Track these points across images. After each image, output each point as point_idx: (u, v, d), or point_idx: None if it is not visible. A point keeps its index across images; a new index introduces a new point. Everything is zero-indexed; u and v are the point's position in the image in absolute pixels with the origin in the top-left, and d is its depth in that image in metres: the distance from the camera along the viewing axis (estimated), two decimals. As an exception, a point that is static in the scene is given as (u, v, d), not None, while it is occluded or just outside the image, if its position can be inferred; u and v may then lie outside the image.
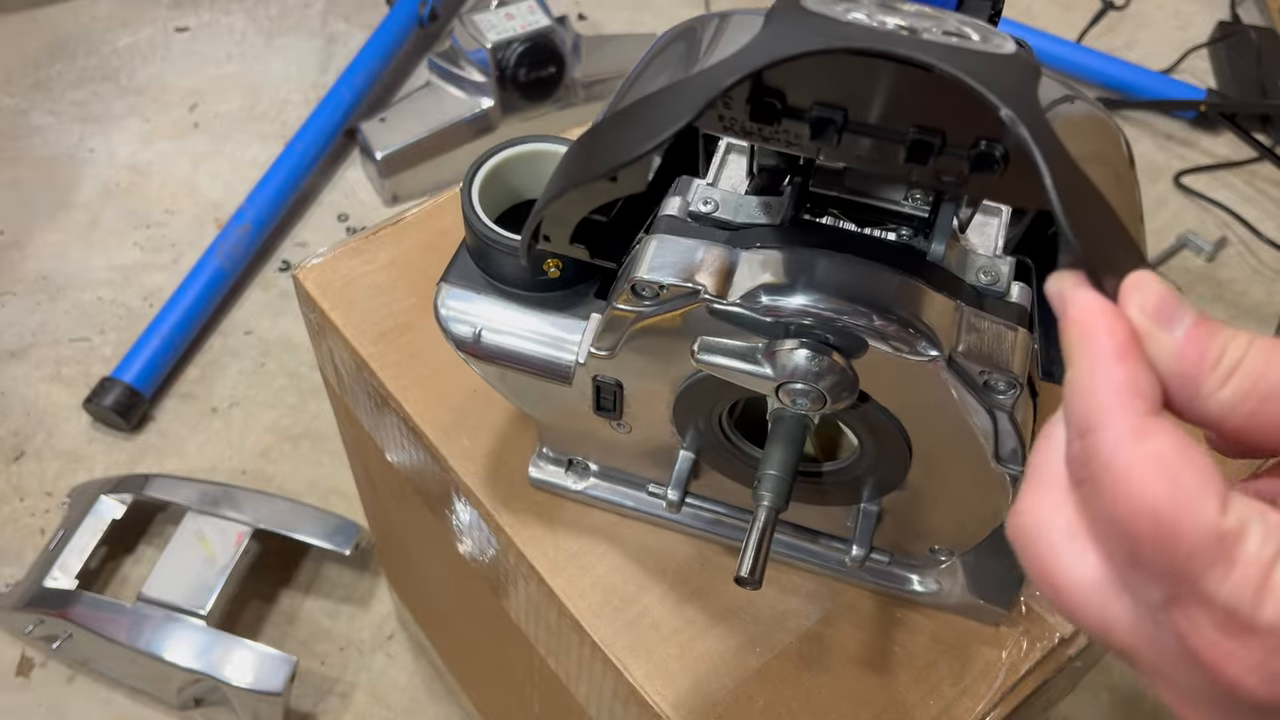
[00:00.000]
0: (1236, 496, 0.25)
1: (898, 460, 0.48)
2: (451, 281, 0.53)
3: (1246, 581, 0.24)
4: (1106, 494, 0.26)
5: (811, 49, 0.32)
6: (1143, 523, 0.25)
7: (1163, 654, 0.27)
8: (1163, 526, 0.25)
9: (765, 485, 0.45)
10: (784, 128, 0.37)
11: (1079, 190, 0.30)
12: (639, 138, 0.36)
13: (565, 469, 0.59)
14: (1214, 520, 0.24)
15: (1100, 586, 0.28)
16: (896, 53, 0.32)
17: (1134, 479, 0.25)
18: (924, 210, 0.44)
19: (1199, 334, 0.27)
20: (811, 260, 0.42)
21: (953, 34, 0.33)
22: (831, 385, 0.42)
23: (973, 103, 0.31)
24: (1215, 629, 0.25)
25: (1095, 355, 0.27)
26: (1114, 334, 0.27)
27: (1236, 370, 0.26)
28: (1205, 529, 0.24)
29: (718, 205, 0.46)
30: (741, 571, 0.43)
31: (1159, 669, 0.27)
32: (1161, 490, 0.25)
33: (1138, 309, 0.28)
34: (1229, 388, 0.27)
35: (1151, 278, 0.28)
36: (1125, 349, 0.27)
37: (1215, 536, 0.24)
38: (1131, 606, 0.27)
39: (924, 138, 0.35)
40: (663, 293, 0.44)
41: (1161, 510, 0.25)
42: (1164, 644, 0.26)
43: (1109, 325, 0.28)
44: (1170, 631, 0.26)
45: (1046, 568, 0.29)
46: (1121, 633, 0.28)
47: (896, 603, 0.57)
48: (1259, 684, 0.24)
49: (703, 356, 0.44)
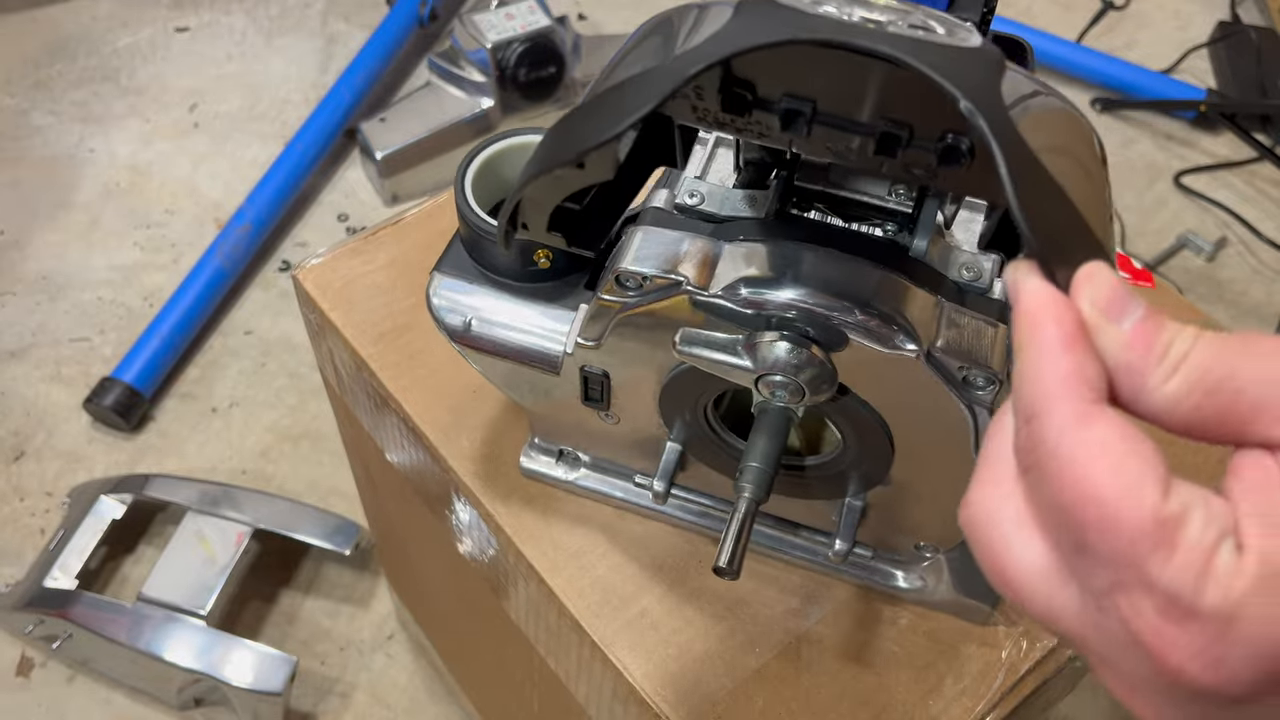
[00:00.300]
0: (1180, 482, 0.25)
1: (880, 455, 0.48)
2: (445, 271, 0.53)
3: (1188, 566, 0.24)
4: (1051, 481, 0.26)
5: (773, 40, 0.32)
6: (1086, 509, 0.25)
7: (1108, 641, 0.27)
8: (1105, 512, 0.25)
9: (747, 477, 0.45)
10: (755, 119, 0.38)
11: (1037, 183, 0.30)
12: (603, 125, 0.36)
13: (556, 459, 0.60)
14: (1156, 505, 0.25)
15: (1047, 574, 0.28)
16: (858, 44, 0.32)
17: (1077, 465, 0.26)
18: (908, 206, 0.45)
19: (1147, 327, 0.27)
20: (793, 254, 0.43)
21: (918, 27, 0.33)
22: (810, 378, 0.43)
23: (938, 95, 0.31)
24: (1158, 615, 0.25)
25: (1042, 344, 0.28)
26: (1061, 323, 0.28)
27: (1182, 364, 0.27)
28: (1147, 514, 0.25)
29: (703, 198, 0.47)
30: (720, 561, 0.44)
31: (1105, 656, 0.27)
32: (1104, 476, 0.25)
33: (1088, 301, 0.28)
34: (1174, 381, 0.27)
35: (1104, 270, 0.28)
36: (1072, 338, 0.27)
37: (1157, 522, 0.25)
38: (1078, 594, 0.27)
39: (892, 130, 0.36)
40: (646, 283, 0.45)
41: (1104, 496, 0.25)
42: (1109, 631, 0.26)
43: (1057, 315, 0.28)
44: (1115, 618, 0.26)
45: (995, 557, 0.29)
46: (1069, 620, 0.28)
47: (895, 603, 0.57)
48: (1201, 670, 0.24)
49: (684, 347, 0.45)
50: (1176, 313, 0.73)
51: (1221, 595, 0.24)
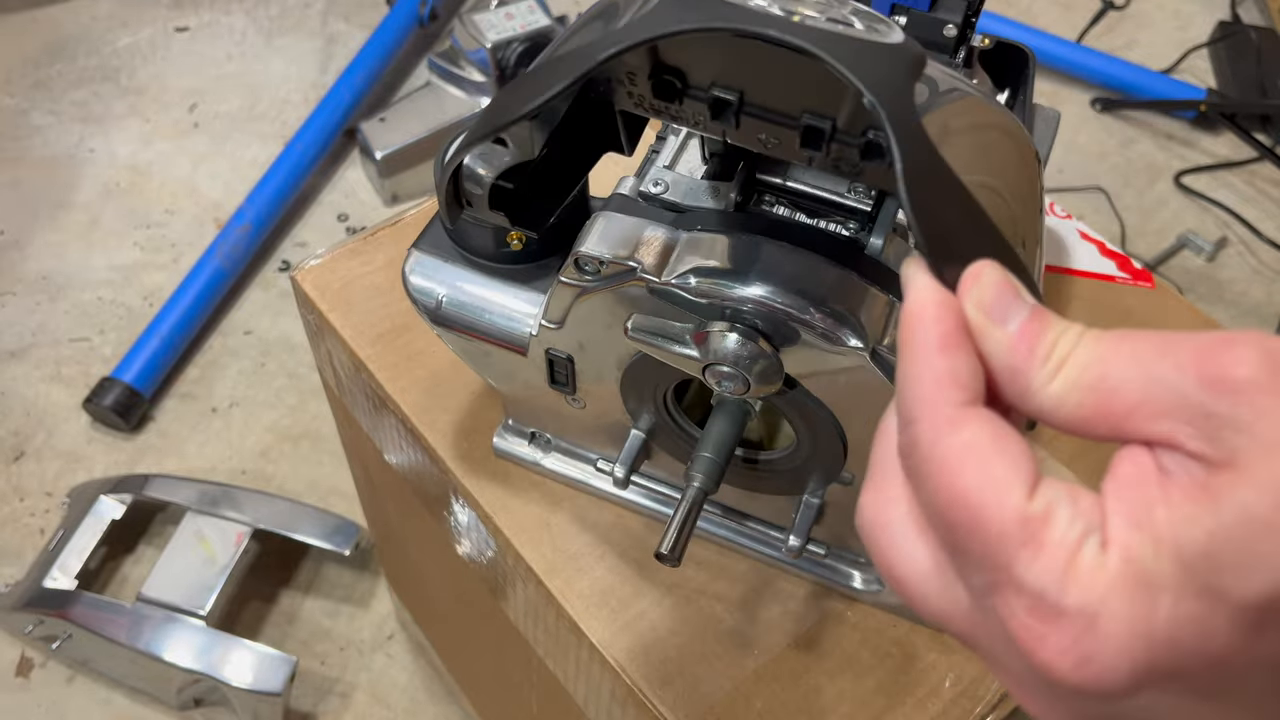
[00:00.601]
0: (1048, 481, 0.26)
1: (833, 452, 0.48)
2: (422, 249, 0.53)
3: (1054, 564, 0.24)
4: (926, 484, 0.27)
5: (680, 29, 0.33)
6: (956, 511, 0.26)
7: (993, 640, 0.27)
8: (973, 514, 0.25)
9: (697, 466, 0.46)
10: (687, 107, 0.38)
11: (935, 180, 0.30)
12: (518, 104, 0.36)
13: (528, 441, 0.60)
14: (1019, 505, 0.25)
15: (934, 575, 0.28)
16: (767, 34, 0.32)
17: (947, 468, 0.26)
18: (867, 204, 0.45)
19: (1031, 328, 0.27)
20: (748, 247, 0.43)
21: (838, 21, 0.33)
22: (757, 371, 0.43)
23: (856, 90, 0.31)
24: (1027, 613, 0.25)
25: (919, 346, 0.28)
26: (940, 323, 0.28)
27: (1065, 363, 0.26)
28: (1010, 514, 0.25)
29: (668, 187, 0.47)
30: (662, 548, 0.44)
31: (993, 655, 0.28)
32: (970, 479, 0.26)
33: (973, 303, 0.28)
34: (1057, 381, 0.26)
35: (991, 269, 0.28)
36: (948, 340, 0.27)
37: (1021, 521, 0.25)
38: (964, 594, 0.27)
39: (815, 124, 0.36)
40: (603, 268, 0.45)
41: (972, 498, 0.25)
42: (992, 630, 0.27)
43: (936, 315, 0.28)
44: (994, 618, 0.26)
45: (886, 559, 0.29)
46: (958, 620, 0.28)
47: (896, 608, 0.57)
48: (1071, 668, 0.24)
49: (635, 334, 0.46)
50: (1176, 313, 0.73)
51: (1084, 592, 0.24)
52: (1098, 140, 1.80)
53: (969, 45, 0.53)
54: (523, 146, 0.41)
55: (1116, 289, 0.73)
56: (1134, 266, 0.75)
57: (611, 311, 0.47)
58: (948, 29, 0.51)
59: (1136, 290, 0.73)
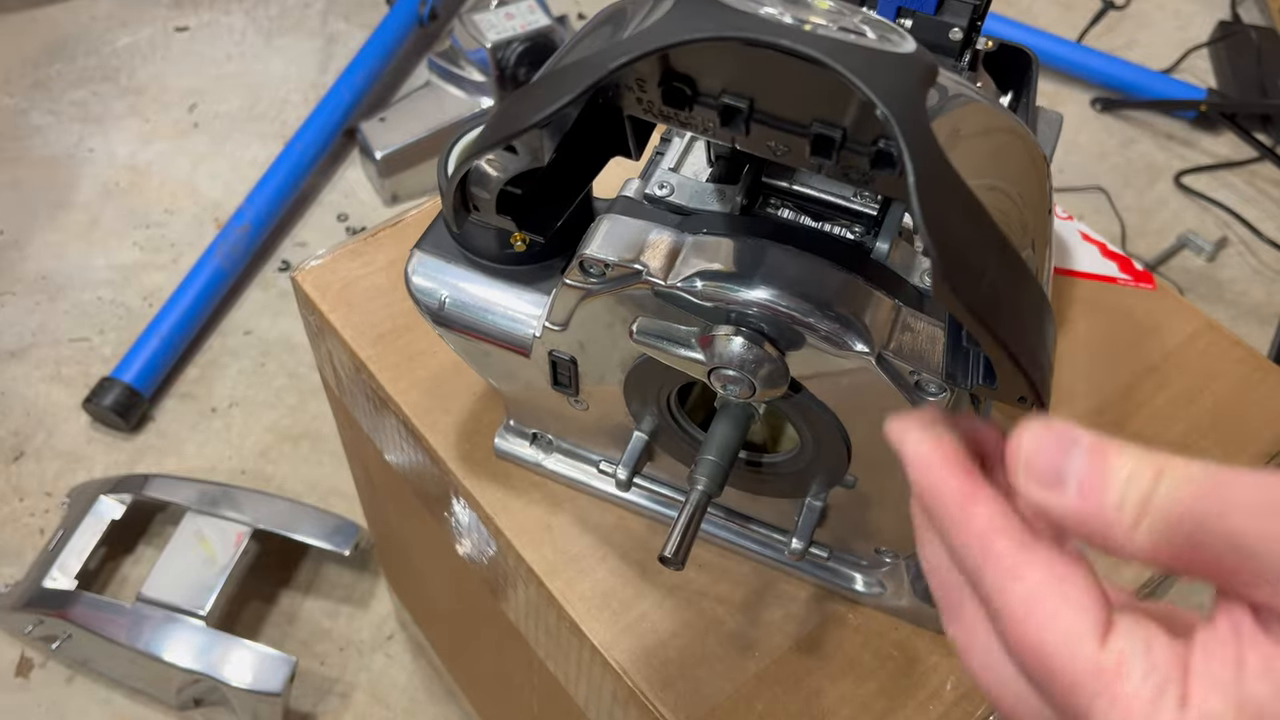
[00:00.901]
0: (1122, 623, 0.26)
1: (837, 456, 0.48)
2: (425, 250, 0.53)
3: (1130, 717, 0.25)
4: (1001, 631, 0.27)
5: (694, 37, 0.33)
6: (1030, 660, 0.26)
7: None
8: (1046, 664, 0.26)
9: (701, 470, 0.46)
10: (696, 114, 0.38)
11: (947, 192, 0.30)
12: (528, 112, 0.36)
13: (530, 442, 0.60)
14: (1092, 656, 0.25)
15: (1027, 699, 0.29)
16: (780, 44, 0.32)
17: (1016, 620, 0.27)
18: (873, 208, 0.45)
19: (1092, 483, 0.26)
20: (753, 250, 0.43)
21: (849, 30, 0.33)
22: (762, 375, 0.43)
23: (865, 99, 0.31)
24: None
25: (949, 518, 0.28)
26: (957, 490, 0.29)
27: (1145, 514, 0.25)
28: (1083, 665, 0.25)
29: (673, 190, 0.47)
30: (665, 551, 0.44)
31: None
32: (1037, 633, 0.26)
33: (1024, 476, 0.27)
34: (1142, 533, 0.25)
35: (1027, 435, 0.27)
36: (969, 497, 0.28)
37: (1094, 673, 0.25)
38: None
39: (825, 132, 0.36)
40: (609, 271, 0.45)
41: (1046, 649, 0.26)
42: None
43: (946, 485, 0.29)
44: None
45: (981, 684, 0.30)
46: None
47: (899, 611, 0.57)
48: None
49: (640, 336, 0.46)
50: (1176, 313, 0.73)
51: None
52: (1098, 140, 1.80)
53: (974, 49, 0.53)
54: (533, 153, 0.41)
55: (1118, 290, 0.73)
56: (1135, 268, 0.74)
57: (616, 314, 0.46)
58: (953, 32, 0.51)
59: (1138, 292, 0.73)
